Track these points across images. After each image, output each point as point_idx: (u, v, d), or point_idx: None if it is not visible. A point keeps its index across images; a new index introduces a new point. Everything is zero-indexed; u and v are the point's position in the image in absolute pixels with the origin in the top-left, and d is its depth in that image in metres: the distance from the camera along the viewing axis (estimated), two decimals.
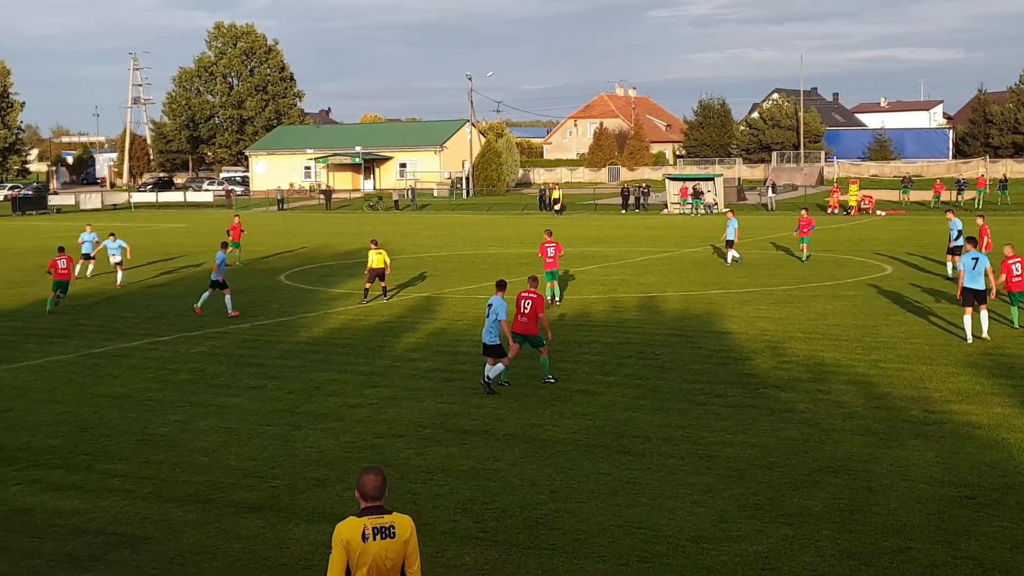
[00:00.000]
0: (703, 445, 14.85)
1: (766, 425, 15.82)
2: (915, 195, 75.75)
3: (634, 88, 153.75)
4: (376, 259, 29.00)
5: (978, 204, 68.01)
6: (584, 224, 62.90)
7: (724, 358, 20.85)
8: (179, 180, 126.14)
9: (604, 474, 13.65)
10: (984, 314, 22.08)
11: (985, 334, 21.80)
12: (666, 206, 74.74)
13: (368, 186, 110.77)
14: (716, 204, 71.63)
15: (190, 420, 16.81)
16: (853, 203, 67.86)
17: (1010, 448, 14.27)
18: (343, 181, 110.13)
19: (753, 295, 29.59)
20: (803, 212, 39.69)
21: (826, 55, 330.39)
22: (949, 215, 34.04)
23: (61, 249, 30.07)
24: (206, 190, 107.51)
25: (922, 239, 46.06)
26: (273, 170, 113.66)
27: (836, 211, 67.96)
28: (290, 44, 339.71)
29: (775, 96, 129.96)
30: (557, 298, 28.76)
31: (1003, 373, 18.76)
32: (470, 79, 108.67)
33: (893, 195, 76.88)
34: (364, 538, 7.03)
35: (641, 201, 77.39)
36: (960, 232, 31.79)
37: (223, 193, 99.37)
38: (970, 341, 21.55)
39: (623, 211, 75.21)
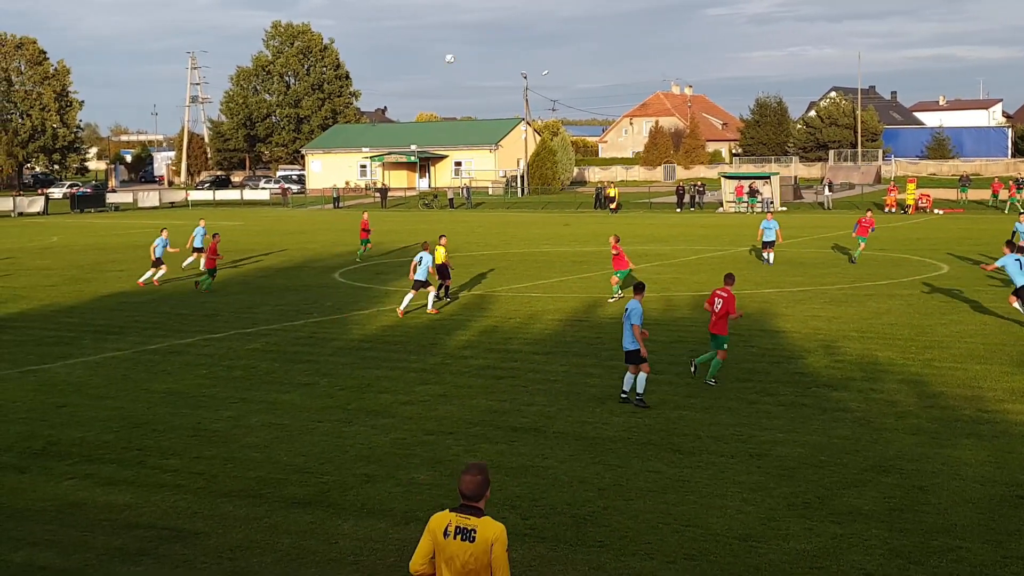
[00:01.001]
0: (754, 443, 14.80)
1: (817, 424, 15.73)
2: (973, 194, 74.72)
3: (690, 86, 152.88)
4: (438, 255, 29.05)
5: (1007, 209, 66.55)
6: (639, 222, 62.71)
7: (777, 357, 20.74)
8: (236, 178, 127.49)
9: (653, 472, 13.66)
10: None
11: None
12: (721, 204, 74.31)
13: (423, 184, 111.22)
14: (772, 202, 71.08)
15: (242, 416, 17.02)
16: (911, 202, 67.10)
17: None
18: (398, 179, 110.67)
19: (807, 294, 29.37)
20: (868, 212, 39.33)
21: (885, 53, 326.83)
22: (1022, 217, 33.35)
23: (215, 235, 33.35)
24: (262, 188, 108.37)
25: (980, 238, 45.42)
26: (329, 168, 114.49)
27: (894, 210, 67.20)
28: (346, 43, 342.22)
29: (833, 94, 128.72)
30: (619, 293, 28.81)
31: None
32: (525, 78, 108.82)
33: (951, 194, 75.87)
34: (445, 534, 7.03)
35: (696, 199, 77.00)
36: None
37: (279, 191, 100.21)
38: None
39: (678, 209, 74.87)
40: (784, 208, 71.82)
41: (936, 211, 65.79)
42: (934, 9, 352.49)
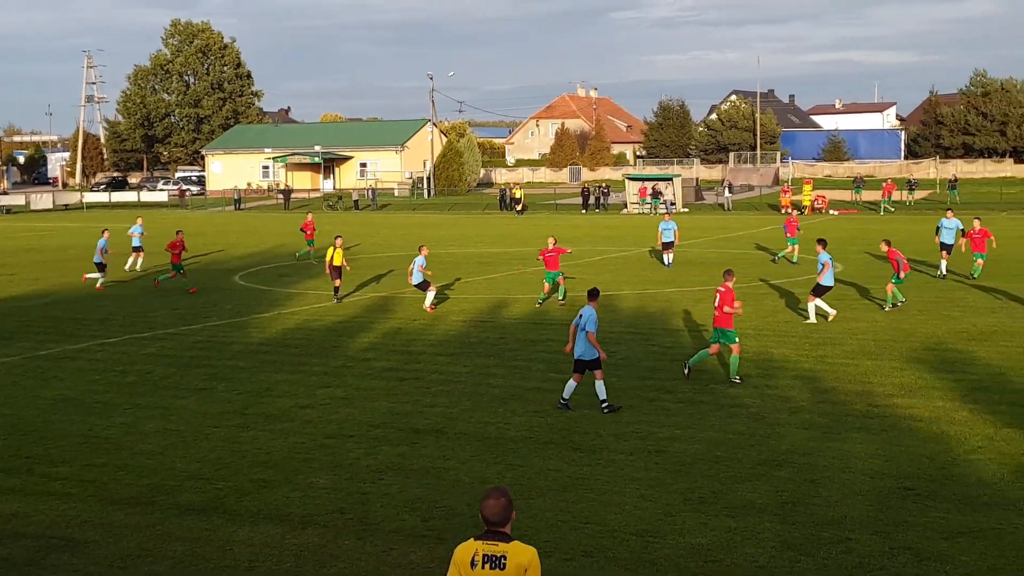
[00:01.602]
0: (652, 440, 14.99)
1: (714, 420, 16.00)
2: (867, 195, 76.58)
3: (595, 89, 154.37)
4: (336, 256, 28.94)
5: (881, 211, 68.52)
6: (545, 224, 62.96)
7: (677, 355, 21.02)
8: (133, 180, 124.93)
9: (554, 471, 13.74)
10: None
11: None
12: (625, 206, 75.02)
13: (328, 186, 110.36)
14: (675, 204, 71.98)
15: (136, 423, 16.70)
16: (807, 203, 68.43)
17: (949, 440, 14.53)
18: (302, 181, 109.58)
19: (707, 293, 29.71)
20: (793, 212, 39.82)
21: (784, 57, 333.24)
22: (949, 214, 33.54)
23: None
24: (161, 190, 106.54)
25: (873, 238, 46.43)
26: (230, 170, 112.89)
27: (789, 211, 68.42)
28: (250, 42, 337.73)
29: (733, 98, 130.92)
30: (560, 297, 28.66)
31: (945, 368, 19.07)
32: (431, 79, 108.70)
33: (846, 195, 77.61)
34: (472, 564, 6.61)
35: (601, 201, 77.60)
36: (961, 231, 31.92)
37: (177, 193, 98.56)
38: None
39: (583, 211, 75.39)
40: (686, 209, 72.77)
41: (831, 212, 67.23)
42: (833, 15, 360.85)
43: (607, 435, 15.33)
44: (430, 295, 27.74)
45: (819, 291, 24.40)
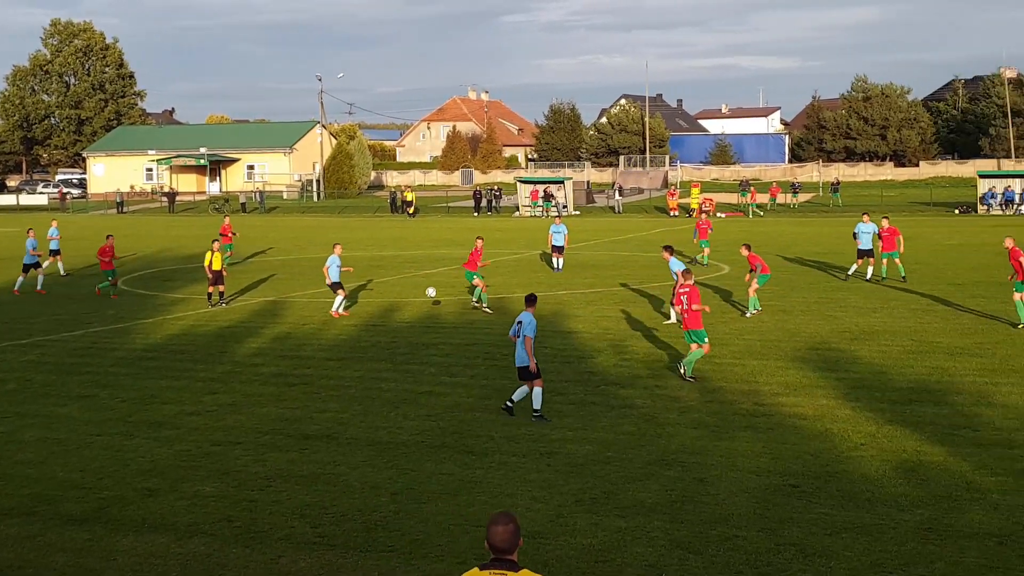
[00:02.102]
0: (544, 442, 15.03)
1: (605, 421, 16.12)
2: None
3: (487, 92, 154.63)
4: (216, 260, 28.49)
5: (763, 212, 70.43)
6: (436, 226, 62.96)
7: (568, 357, 21.13)
8: (11, 183, 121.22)
9: (446, 474, 13.69)
10: None
11: None
12: (518, 209, 75.35)
13: (214, 188, 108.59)
14: (566, 206, 72.55)
15: (15, 431, 16.19)
16: (695, 205, 69.57)
17: (833, 438, 14.86)
18: (187, 183, 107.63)
19: (598, 295, 30.07)
20: (703, 216, 40.10)
21: (672, 62, 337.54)
22: (865, 218, 33.11)
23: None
24: (40, 193, 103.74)
25: (758, 240, 47.39)
26: (113, 172, 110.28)
27: (676, 213, 69.57)
28: (134, 42, 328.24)
29: (623, 102, 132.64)
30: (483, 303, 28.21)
31: (828, 367, 19.52)
32: (320, 80, 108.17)
33: (732, 198, 79.10)
34: None
35: (493, 204, 77.81)
36: (877, 234, 31.78)
37: (58, 196, 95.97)
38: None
39: (475, 213, 75.52)
40: (577, 212, 73.39)
41: (719, 215, 68.43)
42: (720, 21, 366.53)
43: (499, 438, 15.33)
44: (339, 299, 27.13)
45: None
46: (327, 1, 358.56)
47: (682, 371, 18.73)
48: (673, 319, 24.30)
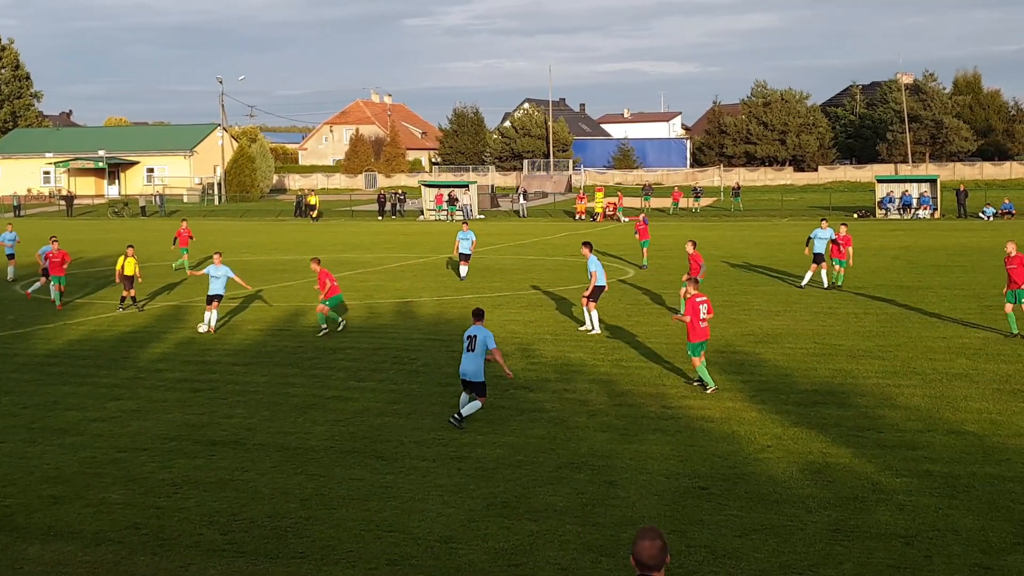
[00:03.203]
0: (455, 447, 15.07)
1: (515, 425, 16.20)
2: (655, 202, 79.19)
3: (389, 95, 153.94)
4: (128, 265, 27.99)
5: (671, 211, 71.83)
6: (341, 230, 62.54)
7: None
8: None
9: (356, 479, 13.65)
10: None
11: None
12: (422, 212, 75.23)
13: (113, 191, 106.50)
14: (472, 210, 72.68)
15: None
16: (599, 210, 70.26)
17: (740, 440, 15.13)
18: (86, 186, 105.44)
19: (505, 299, 30.18)
20: (641, 216, 40.30)
21: (575, 67, 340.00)
22: (823, 224, 32.31)
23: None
24: None
25: (662, 244, 48.06)
26: (9, 175, 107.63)
27: (583, 217, 70.16)
28: (31, 44, 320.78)
29: (526, 106, 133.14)
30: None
31: (734, 369, 19.86)
32: (221, 82, 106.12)
33: (635, 202, 80.00)
34: None
35: (397, 208, 77.58)
36: (833, 240, 31.25)
37: None
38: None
39: (380, 217, 75.21)
40: (482, 216, 73.55)
41: (623, 218, 69.17)
42: (621, 26, 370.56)
43: (409, 443, 15.33)
44: (209, 315, 25.19)
45: (596, 294, 24.50)
46: (228, 3, 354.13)
47: (710, 389, 17.86)
48: (588, 327, 24.37)
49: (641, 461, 14.16)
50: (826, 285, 31.18)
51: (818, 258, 31.31)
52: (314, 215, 74.10)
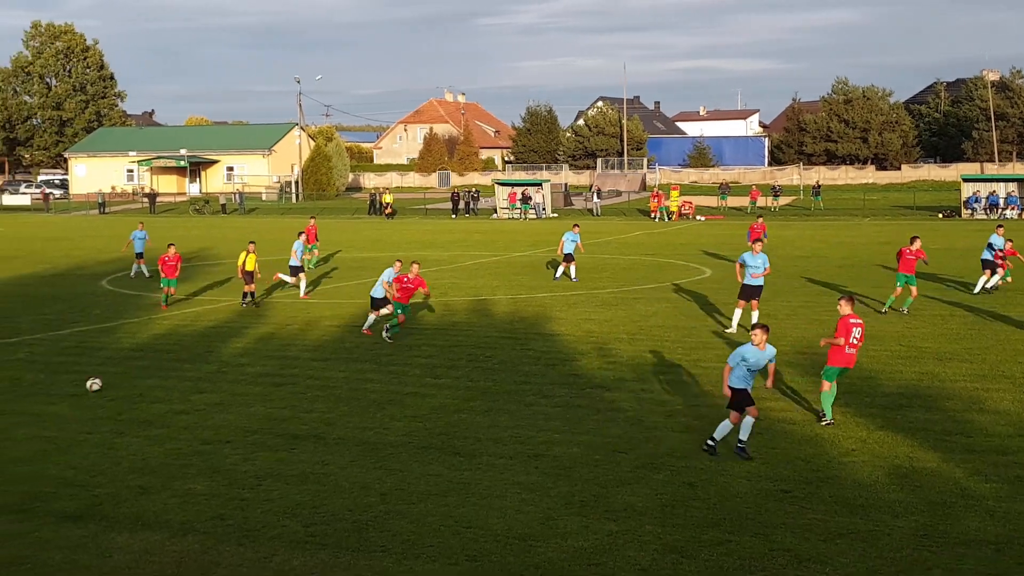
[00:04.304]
0: (531, 444, 15.09)
1: (592, 424, 16.18)
2: (732, 201, 78.45)
3: (463, 94, 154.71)
4: (249, 261, 28.37)
5: (749, 210, 71.04)
6: (415, 229, 62.94)
7: (552, 359, 21.20)
8: None
9: (434, 475, 13.75)
10: None
11: None
12: (495, 211, 75.41)
13: (194, 190, 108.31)
14: (545, 209, 72.72)
15: (7, 429, 16.19)
16: (674, 209, 69.82)
17: (823, 443, 14.95)
18: (168, 184, 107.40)
19: (579, 298, 30.15)
20: (759, 219, 39.19)
21: (649, 65, 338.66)
22: (999, 231, 30.55)
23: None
24: (23, 193, 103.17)
25: (739, 243, 47.65)
26: (94, 173, 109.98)
27: (657, 216, 69.80)
28: (115, 44, 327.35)
29: (600, 104, 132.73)
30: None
31: (817, 371, 19.26)
32: (298, 82, 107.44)
33: (712, 201, 79.38)
34: None
35: (471, 206, 77.84)
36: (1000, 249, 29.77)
37: (40, 197, 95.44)
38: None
39: (453, 216, 75.52)
40: (555, 215, 73.51)
41: (698, 217, 68.68)
42: (696, 23, 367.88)
43: (486, 439, 15.39)
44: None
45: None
46: (305, 4, 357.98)
47: (825, 421, 15.93)
48: (733, 328, 23.97)
49: (721, 463, 14.06)
50: (980, 288, 29.79)
51: (987, 264, 29.89)
52: (388, 212, 74.62)
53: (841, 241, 48.84)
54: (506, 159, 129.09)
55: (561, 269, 34.26)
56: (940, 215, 66.62)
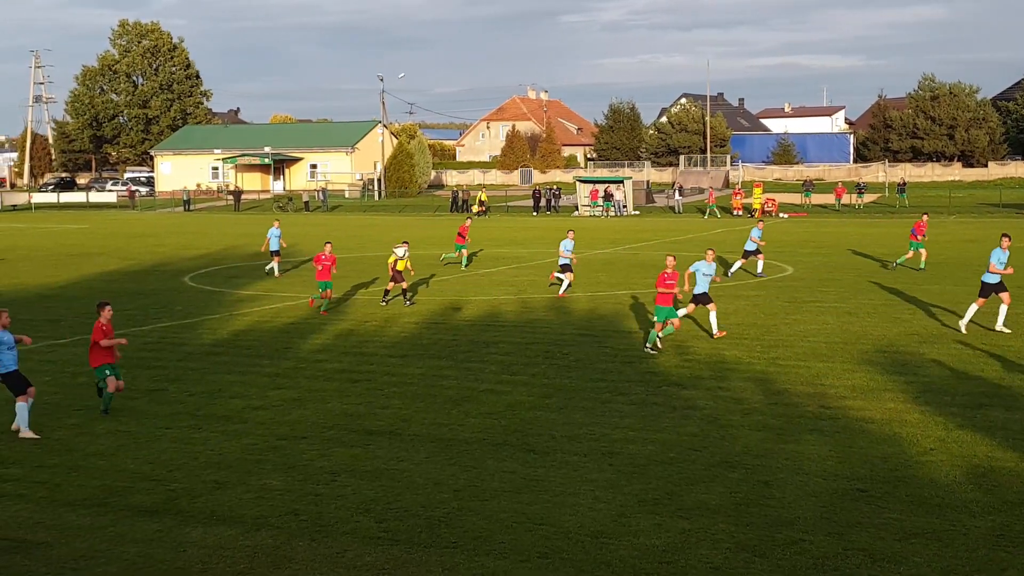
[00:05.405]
0: (606, 442, 15.01)
1: (667, 422, 16.04)
2: (817, 198, 77.31)
3: (546, 91, 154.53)
4: (401, 261, 28.44)
5: (835, 207, 70.05)
6: (496, 225, 63.05)
7: (629, 357, 21.07)
8: (82, 180, 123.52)
9: (508, 472, 13.72)
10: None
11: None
12: (577, 208, 75.27)
13: (278, 187, 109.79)
14: (626, 206, 72.41)
15: (87, 424, 16.51)
16: (757, 206, 69.06)
17: (901, 442, 14.66)
18: (252, 182, 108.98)
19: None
20: (924, 216, 37.93)
21: (732, 61, 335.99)
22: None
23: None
24: (110, 190, 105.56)
25: (823, 241, 47.06)
26: (179, 170, 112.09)
27: (740, 213, 69.10)
28: (199, 43, 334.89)
29: (683, 101, 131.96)
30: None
31: (896, 370, 19.26)
32: (382, 80, 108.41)
33: (796, 198, 78.32)
34: None
35: (552, 203, 77.76)
36: None
37: (127, 194, 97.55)
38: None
39: (534, 213, 75.51)
40: (637, 212, 73.18)
41: (782, 215, 67.83)
42: (779, 19, 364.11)
43: (561, 437, 15.34)
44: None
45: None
46: (387, 3, 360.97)
47: None
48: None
49: (797, 461, 13.85)
50: None
51: None
52: (482, 210, 74.20)
53: (927, 239, 47.74)
54: (588, 156, 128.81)
55: (759, 264, 33.89)
56: None
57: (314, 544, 11.36)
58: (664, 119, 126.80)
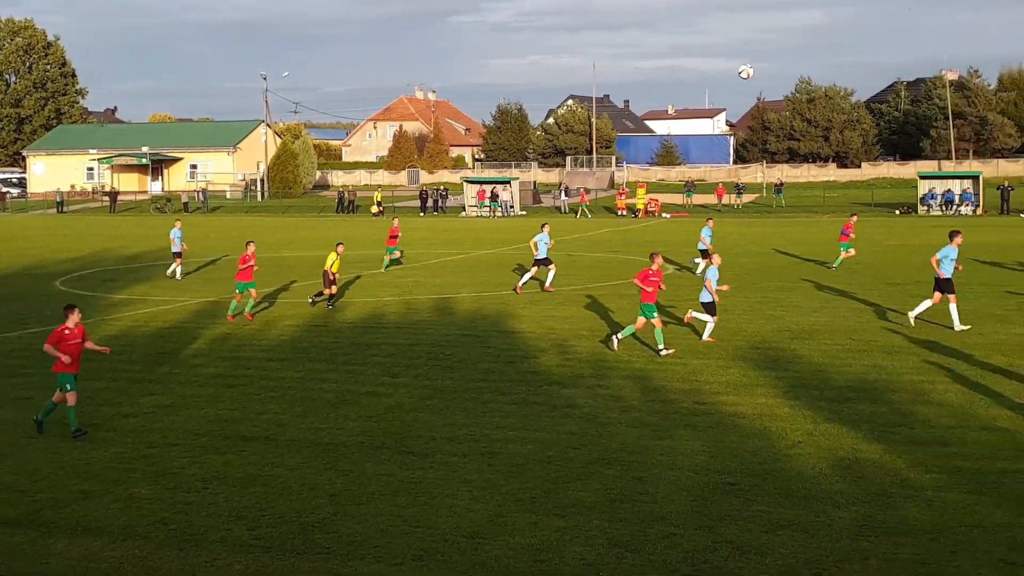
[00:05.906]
0: (486, 442, 14.99)
1: (547, 421, 16.09)
2: (697, 199, 78.75)
3: (434, 92, 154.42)
4: (336, 263, 28.02)
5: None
6: (383, 226, 62.62)
7: (511, 356, 21.10)
8: None
9: (386, 475, 13.60)
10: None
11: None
12: (464, 209, 75.31)
13: (156, 188, 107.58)
14: (513, 206, 72.68)
15: None
16: (640, 206, 69.99)
17: (771, 436, 14.96)
18: (129, 183, 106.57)
19: (543, 295, 30.07)
20: (853, 217, 38.08)
21: (618, 63, 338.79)
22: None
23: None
24: None
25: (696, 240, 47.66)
26: (53, 171, 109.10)
27: (624, 213, 69.93)
28: (77, 40, 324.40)
29: (570, 102, 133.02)
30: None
31: (768, 366, 19.66)
32: (265, 79, 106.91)
33: (678, 199, 79.59)
34: None
35: (439, 204, 77.65)
36: None
37: None
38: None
39: (421, 213, 75.31)
40: (524, 212, 73.51)
41: (664, 215, 68.85)
42: (666, 23, 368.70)
43: (441, 438, 15.27)
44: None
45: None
46: (275, 0, 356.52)
47: None
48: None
49: (671, 457, 14.03)
50: None
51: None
52: (379, 211, 73.45)
53: (801, 238, 49.09)
54: (476, 157, 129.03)
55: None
56: (897, 211, 67.08)
57: (182, 554, 11.09)
58: (551, 120, 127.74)
